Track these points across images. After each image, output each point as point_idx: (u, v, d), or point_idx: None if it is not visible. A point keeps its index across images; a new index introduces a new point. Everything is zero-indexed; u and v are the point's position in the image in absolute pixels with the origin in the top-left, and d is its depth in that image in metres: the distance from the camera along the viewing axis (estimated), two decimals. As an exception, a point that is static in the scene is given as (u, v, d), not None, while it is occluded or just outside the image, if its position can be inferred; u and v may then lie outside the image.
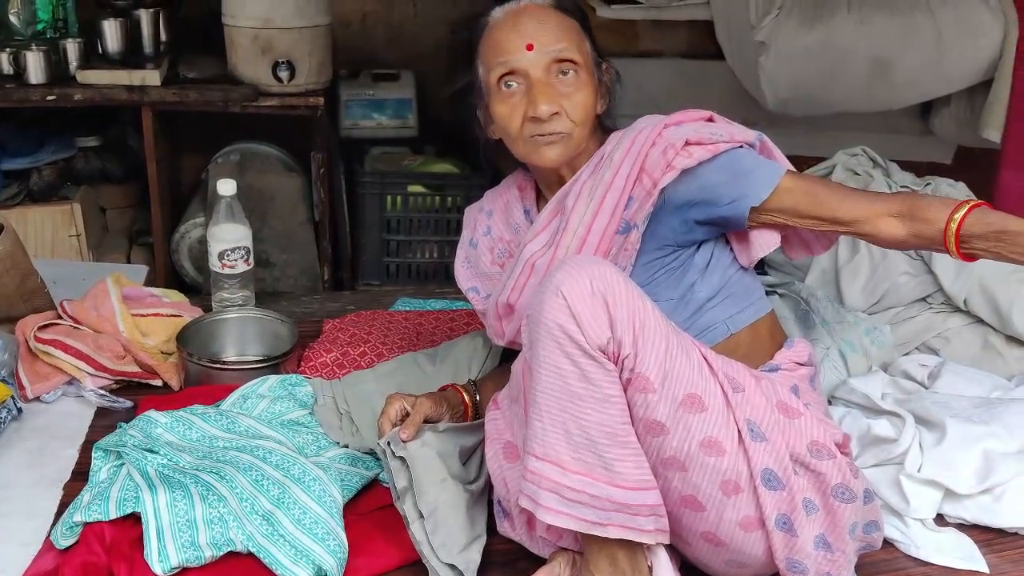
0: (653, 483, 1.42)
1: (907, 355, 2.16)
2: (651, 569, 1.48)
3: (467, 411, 1.79)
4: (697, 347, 1.48)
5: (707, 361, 1.46)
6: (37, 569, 1.58)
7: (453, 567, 1.55)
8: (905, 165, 2.47)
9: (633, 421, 1.42)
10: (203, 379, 2.07)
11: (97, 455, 1.79)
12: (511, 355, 1.78)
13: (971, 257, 1.47)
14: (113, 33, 3.14)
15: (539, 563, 1.59)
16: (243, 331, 2.23)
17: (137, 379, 2.11)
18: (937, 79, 2.98)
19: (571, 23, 1.66)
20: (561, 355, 1.39)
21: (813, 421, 1.49)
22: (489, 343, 1.99)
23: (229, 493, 1.65)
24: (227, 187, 2.26)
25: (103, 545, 1.59)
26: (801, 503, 1.45)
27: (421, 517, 1.58)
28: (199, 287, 3.26)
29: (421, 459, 1.61)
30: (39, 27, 3.29)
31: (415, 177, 3.42)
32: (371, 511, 1.74)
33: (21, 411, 1.96)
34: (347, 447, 1.87)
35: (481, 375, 1.96)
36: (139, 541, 1.59)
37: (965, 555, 1.68)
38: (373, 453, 1.84)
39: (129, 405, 2.04)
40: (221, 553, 1.59)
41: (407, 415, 1.68)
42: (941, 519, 1.76)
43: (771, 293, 2.16)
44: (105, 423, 1.96)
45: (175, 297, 2.33)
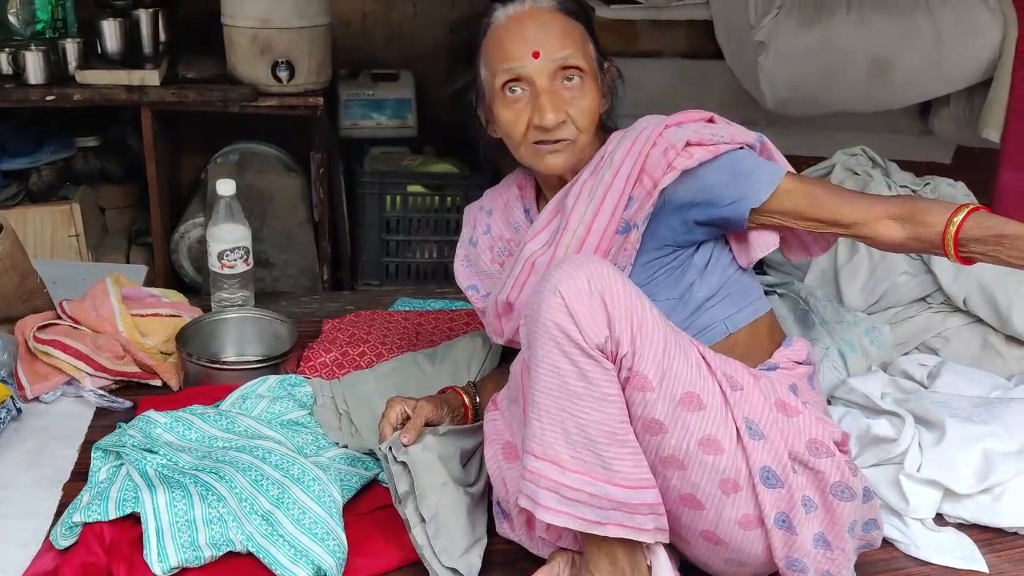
0: (652, 482, 1.42)
1: (906, 355, 2.15)
2: (650, 568, 1.48)
3: (467, 413, 1.79)
4: (695, 346, 1.48)
5: (705, 360, 1.46)
6: (36, 569, 1.58)
7: (455, 571, 1.55)
8: (904, 165, 2.47)
9: (632, 420, 1.42)
10: (202, 379, 2.07)
11: (96, 455, 1.78)
12: (510, 356, 1.78)
13: (969, 261, 1.47)
14: (112, 33, 3.14)
15: (539, 563, 1.59)
16: (242, 331, 2.23)
17: (136, 379, 2.10)
18: (936, 79, 2.98)
19: (576, 27, 1.63)
20: (559, 354, 1.39)
21: (812, 419, 1.49)
22: (488, 343, 1.98)
23: (228, 493, 1.65)
24: (226, 187, 2.25)
25: (102, 545, 1.59)
26: (800, 501, 1.45)
27: (423, 521, 1.57)
28: (198, 287, 3.26)
29: (422, 463, 1.61)
30: (38, 27, 3.30)
31: (414, 177, 3.42)
32: (370, 511, 1.73)
33: (20, 411, 1.96)
34: (346, 447, 1.87)
35: (480, 375, 1.96)
36: (138, 541, 1.59)
37: (964, 555, 1.68)
38: (372, 453, 1.84)
39: (128, 405, 2.03)
40: (220, 553, 1.59)
41: (408, 418, 1.68)
42: (940, 519, 1.76)
43: (770, 293, 2.16)
44: (104, 423, 1.95)
45: (174, 297, 2.32)
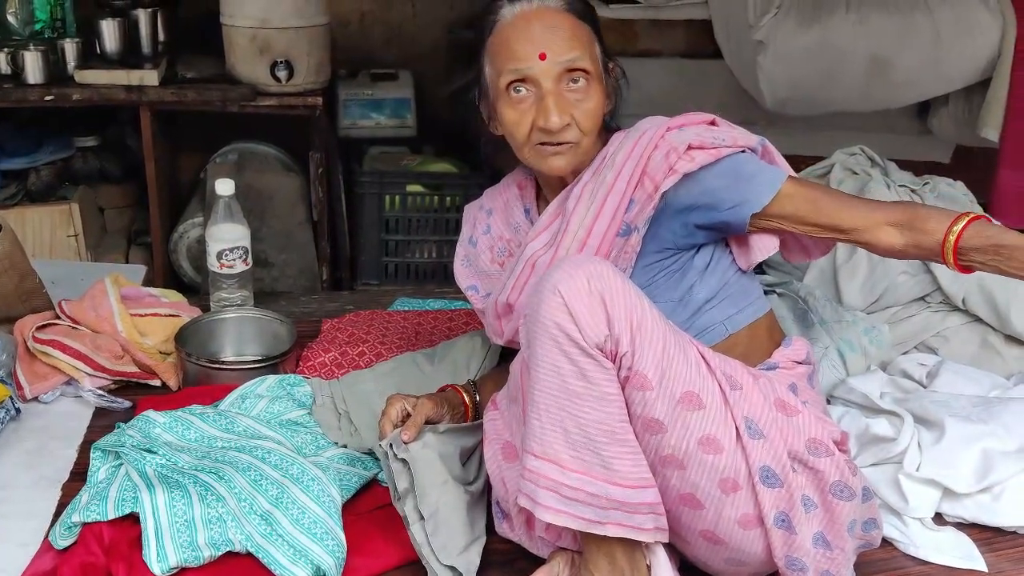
0: (651, 481, 1.42)
1: (906, 354, 2.15)
2: (650, 568, 1.48)
3: (467, 411, 1.79)
4: (695, 345, 1.47)
5: (705, 359, 1.46)
6: (36, 569, 1.58)
7: (453, 569, 1.55)
8: (903, 164, 2.47)
9: (631, 419, 1.42)
10: (201, 379, 2.07)
11: (95, 455, 1.78)
12: (510, 355, 1.77)
13: (968, 269, 1.47)
14: (111, 33, 3.13)
15: (538, 563, 1.59)
16: (241, 331, 2.23)
17: (135, 379, 2.10)
18: (935, 78, 2.98)
19: (584, 28, 1.62)
20: (559, 354, 1.39)
21: (811, 419, 1.49)
22: (487, 342, 1.98)
23: (228, 493, 1.65)
24: (225, 187, 2.25)
25: (101, 545, 1.59)
26: (800, 501, 1.45)
27: (422, 519, 1.57)
28: (197, 287, 3.26)
29: (423, 461, 1.61)
30: (37, 27, 3.29)
31: (414, 177, 3.42)
32: (370, 511, 1.73)
33: (20, 411, 1.96)
34: (345, 447, 1.86)
35: (480, 375, 1.96)
36: (138, 541, 1.59)
37: (964, 554, 1.68)
38: (371, 453, 1.84)
39: (128, 405, 2.03)
40: (220, 553, 1.59)
41: (408, 416, 1.68)
42: (940, 518, 1.76)
43: (769, 292, 2.16)
44: (103, 423, 1.95)
45: (173, 297, 2.32)
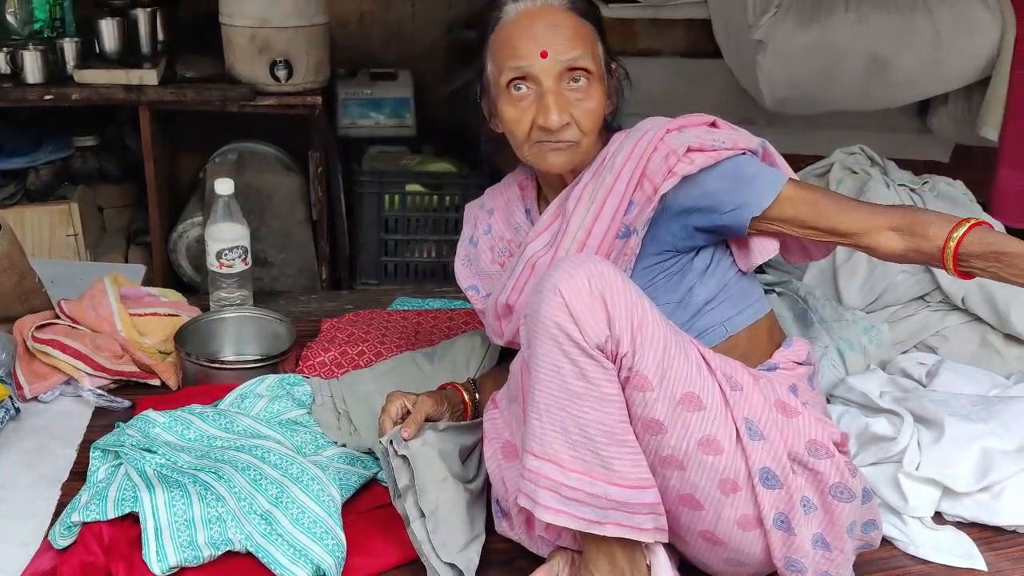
0: (651, 482, 1.42)
1: (905, 353, 2.15)
2: (650, 568, 1.48)
3: (467, 410, 1.79)
4: (695, 346, 1.47)
5: (705, 360, 1.46)
6: (35, 569, 1.58)
7: (453, 566, 1.54)
8: (903, 163, 2.47)
9: (631, 420, 1.42)
10: (201, 378, 2.07)
11: (95, 455, 1.78)
12: (509, 354, 1.77)
13: (968, 275, 1.47)
14: (110, 32, 3.13)
15: (538, 562, 1.59)
16: (241, 330, 2.23)
17: (135, 379, 2.10)
18: (935, 78, 2.98)
19: (587, 27, 1.61)
20: (559, 354, 1.39)
21: (811, 420, 1.49)
22: (487, 342, 1.98)
23: (227, 492, 1.65)
24: (225, 186, 2.25)
25: (101, 545, 1.59)
26: (799, 502, 1.45)
27: (422, 516, 1.57)
28: (197, 286, 3.26)
29: (423, 458, 1.61)
30: (36, 26, 3.29)
31: (413, 176, 3.42)
32: (369, 510, 1.73)
33: (19, 411, 1.96)
34: (345, 446, 1.86)
35: (479, 374, 1.96)
36: (137, 541, 1.59)
37: (963, 553, 1.68)
38: (371, 452, 1.84)
39: (127, 405, 2.03)
40: (219, 553, 1.59)
41: (408, 413, 1.68)
42: (939, 517, 1.76)
43: (769, 292, 2.16)
44: (103, 423, 1.95)
45: (173, 296, 2.32)
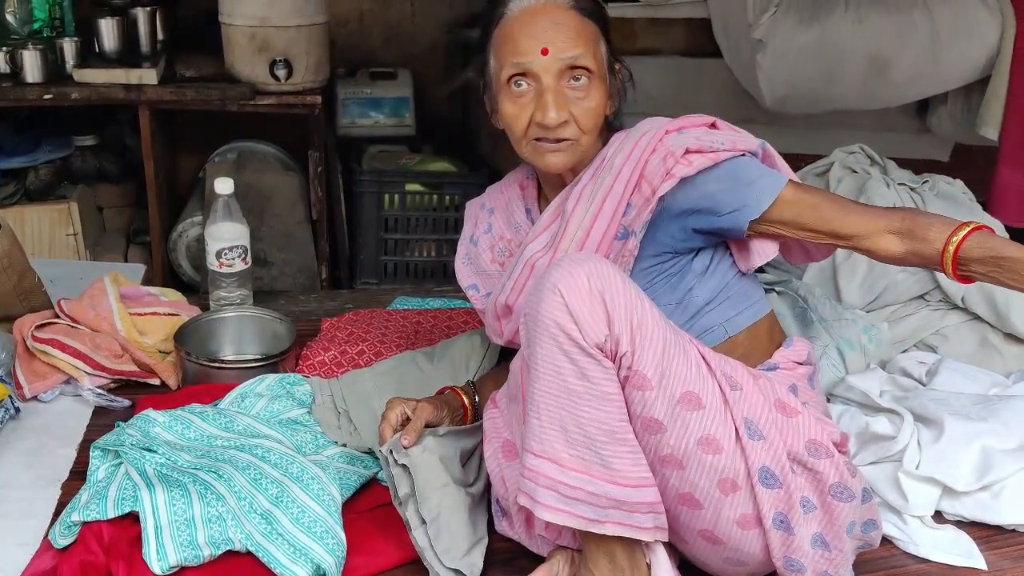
0: (651, 480, 1.42)
1: (905, 352, 2.15)
2: (649, 566, 1.48)
3: (467, 413, 1.78)
4: (695, 345, 1.47)
5: (705, 359, 1.46)
6: (35, 569, 1.57)
7: (457, 572, 1.54)
8: (903, 163, 2.47)
9: (631, 419, 1.42)
10: (201, 378, 2.07)
11: (95, 454, 1.78)
12: (509, 354, 1.77)
13: (968, 279, 1.46)
14: (110, 32, 3.14)
15: (538, 561, 1.59)
16: (241, 330, 2.23)
17: (135, 378, 2.10)
18: (934, 77, 2.98)
19: (590, 26, 1.61)
20: (559, 353, 1.39)
21: (811, 420, 1.49)
22: (487, 341, 1.98)
23: (227, 492, 1.65)
24: (224, 186, 2.25)
25: (101, 544, 1.59)
26: (798, 502, 1.45)
27: (424, 523, 1.57)
28: (196, 286, 3.26)
29: (423, 465, 1.60)
30: (36, 26, 3.29)
31: (413, 176, 3.42)
32: (369, 509, 1.73)
33: (19, 410, 1.96)
34: (345, 446, 1.86)
35: (479, 373, 1.96)
36: (137, 540, 1.59)
37: (963, 552, 1.68)
38: (371, 452, 1.84)
39: (127, 404, 2.03)
40: (220, 552, 1.59)
41: (407, 420, 1.67)
42: (939, 516, 1.76)
43: (769, 291, 2.16)
44: (103, 422, 1.95)
45: (173, 296, 2.32)
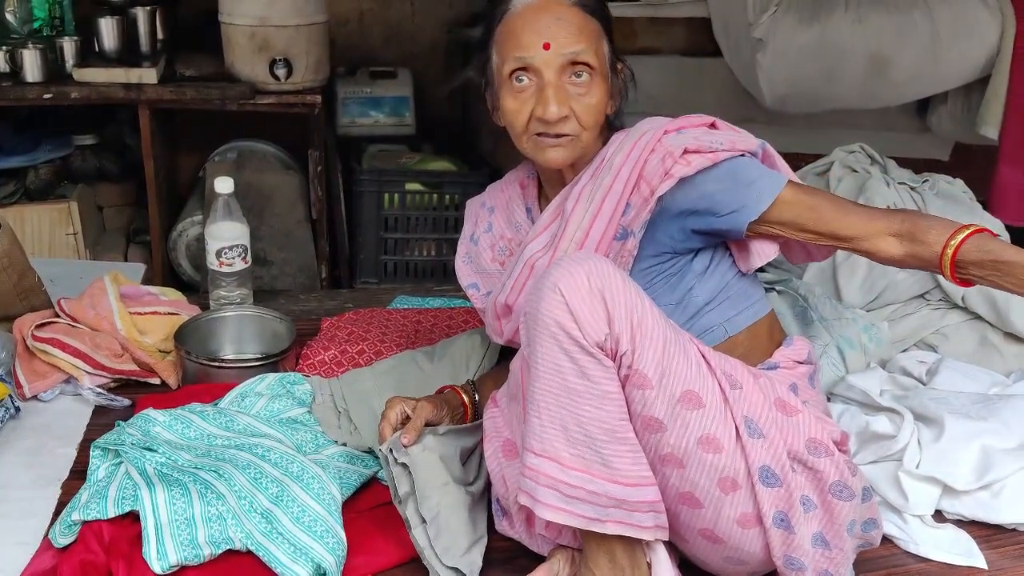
0: (652, 479, 1.42)
1: (905, 352, 2.15)
2: (650, 566, 1.48)
3: (467, 412, 1.79)
4: (695, 344, 1.47)
5: (705, 358, 1.46)
6: (35, 568, 1.57)
7: (456, 570, 1.54)
8: (903, 162, 2.47)
9: (631, 418, 1.42)
10: (201, 377, 2.07)
11: (95, 453, 1.78)
12: (509, 353, 1.77)
13: (967, 282, 1.45)
14: (110, 31, 3.13)
15: (538, 561, 1.59)
16: (241, 329, 2.23)
17: (135, 377, 2.10)
18: (934, 76, 2.98)
19: (592, 23, 1.62)
20: (559, 352, 1.39)
21: (811, 419, 1.49)
22: (487, 340, 1.98)
23: (228, 491, 1.65)
24: (224, 185, 2.25)
25: (101, 544, 1.59)
26: (799, 501, 1.45)
27: (423, 522, 1.57)
28: (196, 285, 3.26)
29: (423, 464, 1.60)
30: (35, 25, 3.29)
31: (413, 175, 3.42)
32: (370, 509, 1.73)
33: (19, 410, 1.96)
34: (345, 445, 1.86)
35: (479, 372, 1.96)
36: (138, 539, 1.59)
37: (963, 551, 1.68)
38: (371, 451, 1.84)
39: (127, 403, 2.03)
40: (220, 551, 1.59)
41: (407, 419, 1.67)
42: (939, 515, 1.76)
43: (769, 290, 2.16)
44: (103, 421, 1.95)
45: (173, 295, 2.32)
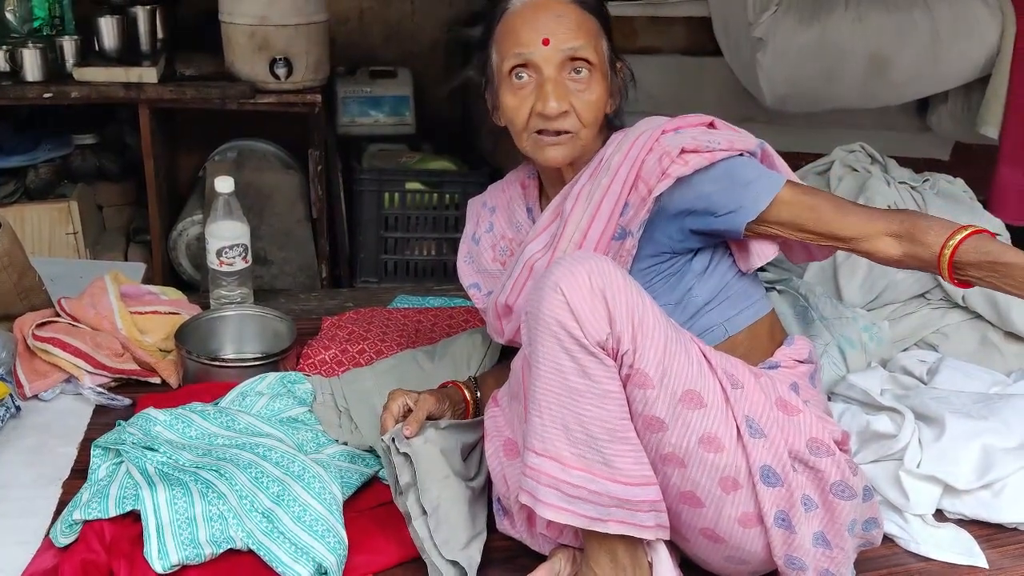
0: (653, 479, 1.42)
1: (905, 351, 2.16)
2: (651, 565, 1.48)
3: (468, 408, 1.79)
4: (696, 343, 1.47)
5: (706, 357, 1.46)
6: (36, 568, 1.57)
7: (455, 564, 1.54)
8: (903, 161, 2.47)
9: (632, 417, 1.42)
10: (201, 377, 2.07)
11: (96, 453, 1.78)
12: (510, 352, 1.77)
13: (966, 284, 1.45)
14: (110, 30, 3.14)
15: (539, 560, 1.59)
16: (241, 329, 2.23)
17: (136, 377, 2.10)
18: (934, 76, 2.98)
19: (591, 21, 1.62)
20: (560, 351, 1.39)
21: (812, 418, 1.49)
22: (488, 340, 1.98)
23: (229, 490, 1.65)
24: (225, 184, 2.25)
25: (103, 543, 1.59)
26: (800, 500, 1.45)
27: (423, 513, 1.57)
28: (197, 285, 3.26)
29: (424, 455, 1.61)
30: (36, 24, 3.29)
31: (413, 174, 3.42)
32: (371, 508, 1.74)
33: (20, 409, 1.96)
34: (346, 444, 1.86)
35: (480, 372, 1.96)
36: (139, 539, 1.59)
37: (964, 550, 1.68)
38: (372, 450, 1.84)
39: (128, 403, 2.03)
40: (221, 550, 1.59)
41: (410, 411, 1.67)
42: (940, 515, 1.76)
43: (770, 289, 2.16)
44: (104, 421, 1.95)
45: (173, 295, 2.32)
